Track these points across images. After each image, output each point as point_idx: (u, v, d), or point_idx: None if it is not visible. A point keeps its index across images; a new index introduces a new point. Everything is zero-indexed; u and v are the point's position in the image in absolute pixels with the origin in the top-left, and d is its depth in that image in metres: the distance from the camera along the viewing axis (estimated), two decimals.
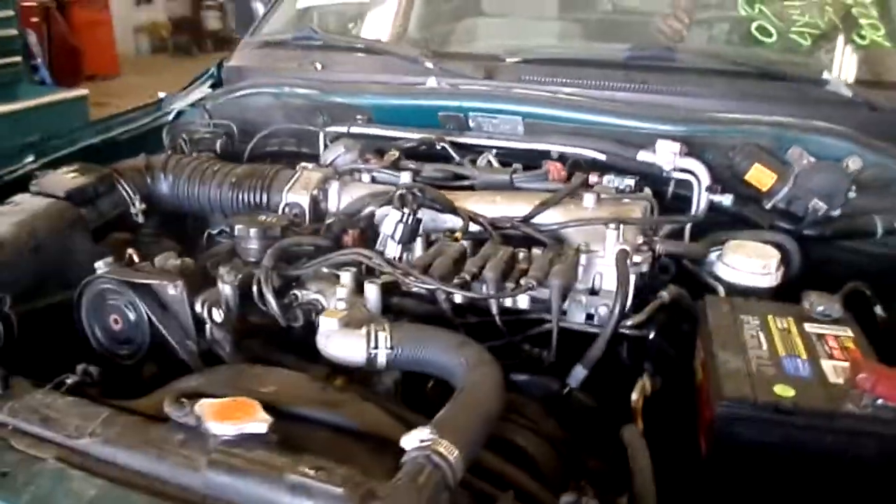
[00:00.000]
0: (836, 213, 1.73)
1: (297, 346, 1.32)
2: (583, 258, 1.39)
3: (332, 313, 1.19)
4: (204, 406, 0.95)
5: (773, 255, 1.57)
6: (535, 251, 1.42)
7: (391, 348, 1.14)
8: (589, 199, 1.53)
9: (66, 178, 1.69)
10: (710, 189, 1.77)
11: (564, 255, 1.34)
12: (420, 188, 1.46)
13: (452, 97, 1.99)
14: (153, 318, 1.25)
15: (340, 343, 1.16)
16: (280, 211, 1.63)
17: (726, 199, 1.76)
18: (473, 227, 1.48)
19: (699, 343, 1.36)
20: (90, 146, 2.08)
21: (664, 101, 1.95)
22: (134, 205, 1.75)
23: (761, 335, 1.33)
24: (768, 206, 1.76)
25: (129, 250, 1.37)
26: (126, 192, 1.74)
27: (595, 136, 1.88)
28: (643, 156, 1.82)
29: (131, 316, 1.27)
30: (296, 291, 1.34)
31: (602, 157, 1.84)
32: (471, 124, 2.00)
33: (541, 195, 1.60)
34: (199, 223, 1.93)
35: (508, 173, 1.66)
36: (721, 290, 1.52)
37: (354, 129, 2.01)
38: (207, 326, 1.29)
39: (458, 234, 1.43)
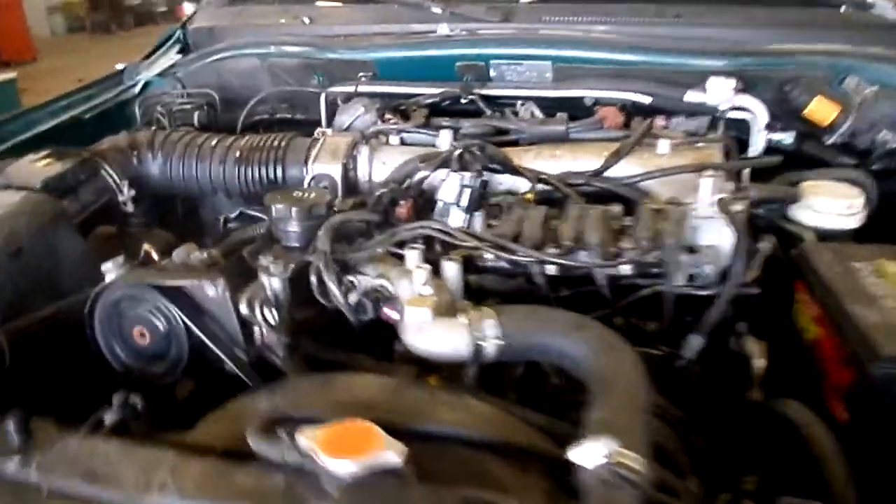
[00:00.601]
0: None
1: (353, 342, 1.11)
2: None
3: (419, 301, 0.98)
4: (311, 437, 0.73)
5: (857, 194, 1.43)
6: (614, 208, 1.23)
7: (501, 337, 0.94)
8: (664, 145, 1.35)
9: (38, 167, 1.41)
10: (769, 127, 1.61)
11: (665, 211, 1.16)
12: (480, 146, 1.25)
13: (471, 44, 1.76)
14: (191, 326, 1.01)
15: (439, 336, 0.96)
16: (306, 184, 1.39)
17: (787, 137, 1.61)
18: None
19: (805, 297, 1.21)
20: (52, 129, 1.77)
21: (700, 34, 1.78)
22: (121, 191, 1.48)
23: (882, 283, 1.19)
24: (829, 141, 1.62)
25: (146, 246, 1.13)
26: (111, 177, 1.47)
27: (635, 77, 1.69)
28: (692, 96, 1.65)
29: (161, 326, 1.03)
30: (350, 278, 1.12)
31: (647, 100, 1.66)
32: (492, 74, 1.78)
33: (602, 146, 1.41)
34: (191, 207, 1.67)
35: (562, 123, 1.46)
36: (809, 236, 1.37)
37: (362, 88, 1.77)
38: (256, 330, 1.06)
39: (530, 196, 1.23)
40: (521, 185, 1.33)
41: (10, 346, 1.13)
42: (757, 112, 1.62)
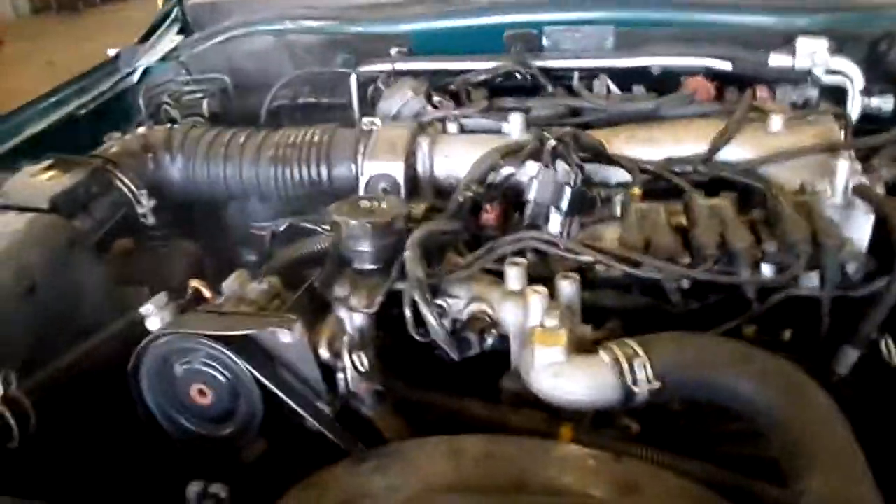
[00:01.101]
0: None
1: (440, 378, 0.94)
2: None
3: (549, 338, 0.80)
4: None
5: None
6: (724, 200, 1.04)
7: (656, 377, 0.76)
8: (776, 121, 1.16)
9: (42, 181, 1.19)
10: (865, 92, 1.43)
11: (805, 204, 0.98)
12: (574, 134, 1.06)
13: (521, 9, 1.55)
14: (262, 380, 0.82)
15: (580, 381, 0.78)
16: (362, 186, 1.19)
17: (886, 103, 1.43)
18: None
19: None
20: (44, 130, 1.55)
21: None
22: (140, 202, 1.27)
23: None
24: None
25: (194, 283, 0.92)
26: (127, 187, 1.26)
27: (708, 40, 1.50)
28: (777, 59, 1.46)
29: (225, 382, 0.84)
30: (439, 301, 0.93)
31: (727, 66, 1.46)
32: (545, 42, 1.57)
33: (700, 124, 1.22)
34: (213, 214, 1.46)
35: (649, 100, 1.26)
36: None
37: (398, 66, 1.55)
38: (340, 376, 0.87)
39: (637, 190, 1.04)
40: (613, 175, 1.14)
41: (35, 407, 0.94)
42: (853, 75, 1.43)
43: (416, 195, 1.21)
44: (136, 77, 1.82)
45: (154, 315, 0.91)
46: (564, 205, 1.00)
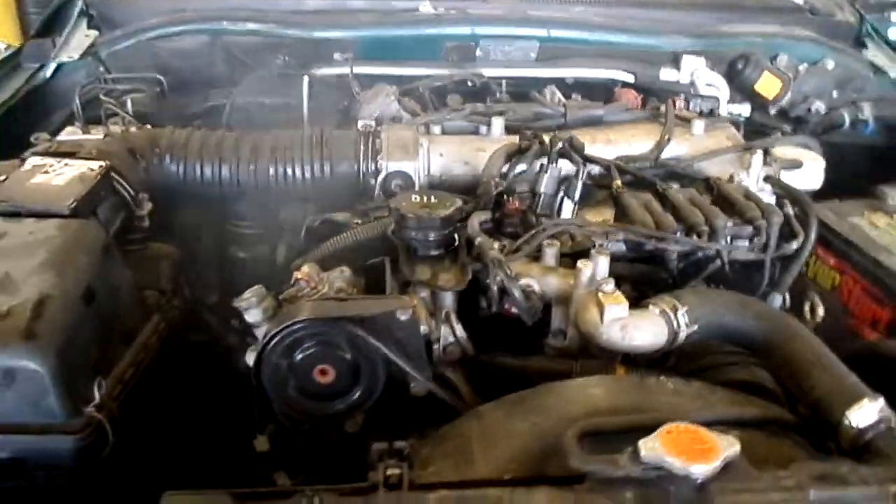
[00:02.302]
0: (824, 110, 1.90)
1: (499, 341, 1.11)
2: None
3: (612, 298, 1.00)
4: (653, 447, 0.74)
5: (819, 158, 1.68)
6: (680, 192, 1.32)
7: (693, 323, 1.01)
8: (699, 125, 1.48)
9: (47, 183, 1.14)
10: (730, 101, 1.82)
11: (738, 189, 1.29)
12: (570, 138, 1.27)
13: (462, 23, 1.73)
14: (389, 355, 0.92)
15: (643, 330, 0.99)
16: (380, 182, 1.30)
17: (745, 110, 1.84)
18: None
19: (820, 249, 1.43)
20: None
21: (662, 16, 1.93)
22: (139, 205, 1.26)
23: (881, 233, 1.45)
24: (773, 112, 1.88)
25: (298, 274, 0.99)
26: (126, 190, 1.24)
27: (616, 57, 1.80)
28: (666, 73, 1.81)
29: (350, 361, 0.92)
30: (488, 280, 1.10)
31: (630, 78, 1.78)
32: (478, 53, 1.78)
33: (636, 127, 1.50)
34: (201, 216, 1.46)
35: (599, 108, 1.52)
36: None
37: (343, 69, 1.66)
38: (436, 348, 1.00)
39: (618, 183, 1.28)
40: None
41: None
42: (721, 88, 1.82)
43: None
44: (48, 73, 1.70)
45: (254, 307, 0.97)
46: (576, 195, 1.21)
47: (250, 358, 0.94)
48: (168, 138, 1.35)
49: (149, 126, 1.49)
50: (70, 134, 1.50)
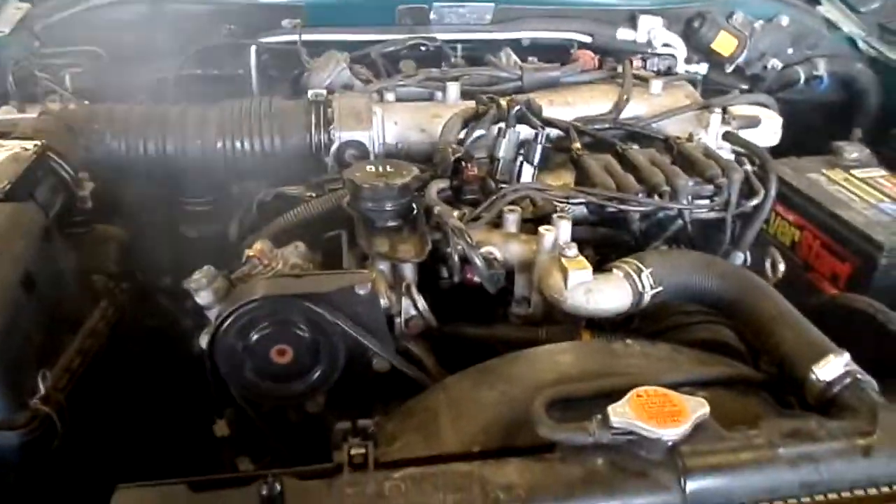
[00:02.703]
0: (779, 67, 1.90)
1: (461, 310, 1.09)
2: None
3: (576, 263, 0.98)
4: (622, 413, 0.73)
5: (776, 115, 1.68)
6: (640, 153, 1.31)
7: (658, 284, 1.00)
8: (657, 85, 1.46)
9: None
10: (687, 60, 1.81)
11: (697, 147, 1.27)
12: (527, 101, 1.24)
13: None
14: (349, 332, 0.89)
15: (607, 294, 0.98)
16: (333, 153, 1.26)
17: (702, 69, 1.83)
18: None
19: (780, 206, 1.43)
20: None
21: None
22: (80, 186, 1.19)
23: (840, 189, 1.46)
24: (729, 70, 1.87)
25: (250, 252, 0.94)
26: (65, 171, 1.17)
27: (572, 17, 1.77)
28: (623, 34, 1.78)
29: (308, 339, 0.89)
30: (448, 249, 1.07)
31: (587, 39, 1.75)
32: (432, 16, 1.73)
33: (592, 88, 1.48)
34: (148, 195, 1.40)
35: (556, 70, 1.49)
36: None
37: (293, 37, 1.59)
38: (398, 322, 0.97)
39: (577, 145, 1.26)
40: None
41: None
42: (678, 47, 1.80)
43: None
44: None
45: (204, 288, 0.93)
46: (536, 159, 1.19)
47: (204, 341, 0.90)
48: (108, 114, 1.28)
49: (88, 102, 1.44)
50: (5, 113, 1.44)
